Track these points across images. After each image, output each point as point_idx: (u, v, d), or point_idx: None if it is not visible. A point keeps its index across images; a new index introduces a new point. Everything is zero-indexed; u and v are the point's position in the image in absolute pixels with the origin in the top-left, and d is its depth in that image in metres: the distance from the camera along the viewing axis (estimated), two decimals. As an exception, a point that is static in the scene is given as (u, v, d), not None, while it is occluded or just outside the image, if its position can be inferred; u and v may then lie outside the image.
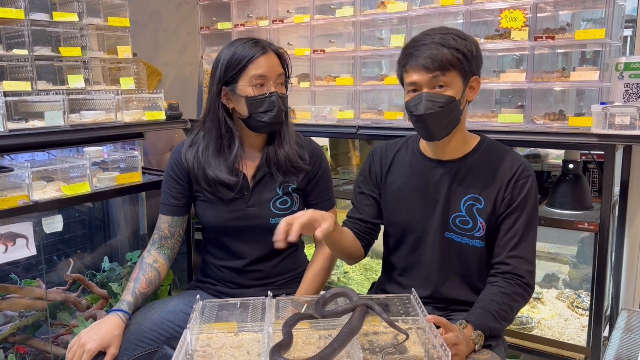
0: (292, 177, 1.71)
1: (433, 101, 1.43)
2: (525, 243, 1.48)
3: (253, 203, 1.69)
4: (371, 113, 2.47)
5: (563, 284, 2.59)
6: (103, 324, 1.50)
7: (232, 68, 1.60)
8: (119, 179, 2.08)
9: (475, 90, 1.51)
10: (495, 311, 1.39)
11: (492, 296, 1.43)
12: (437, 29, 1.47)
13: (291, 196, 1.72)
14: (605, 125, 1.81)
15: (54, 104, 1.97)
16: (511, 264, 1.46)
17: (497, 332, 1.40)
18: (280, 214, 1.68)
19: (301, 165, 1.70)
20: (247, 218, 1.68)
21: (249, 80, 1.58)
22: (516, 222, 1.48)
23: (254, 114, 1.60)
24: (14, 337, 2.02)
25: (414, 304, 1.41)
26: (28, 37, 1.98)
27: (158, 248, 1.72)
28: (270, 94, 1.59)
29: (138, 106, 2.29)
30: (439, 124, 1.46)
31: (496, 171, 1.51)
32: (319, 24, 2.60)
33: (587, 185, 2.12)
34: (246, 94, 1.59)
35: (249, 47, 1.60)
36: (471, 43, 1.46)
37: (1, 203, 1.70)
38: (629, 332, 1.87)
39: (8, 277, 2.13)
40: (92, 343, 1.43)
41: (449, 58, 1.41)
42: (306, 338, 1.36)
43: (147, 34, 2.85)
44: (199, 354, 1.29)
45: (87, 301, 2.21)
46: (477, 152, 1.55)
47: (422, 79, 1.43)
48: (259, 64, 1.58)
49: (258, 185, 1.69)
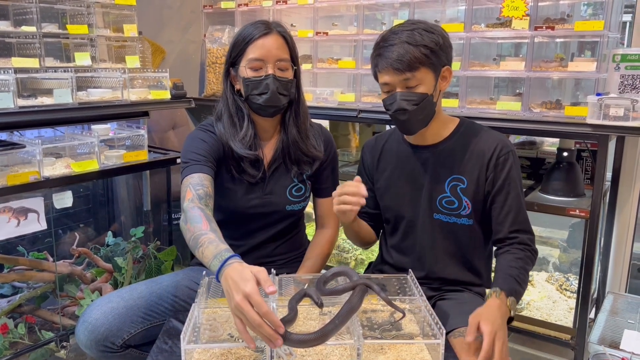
0: (306, 167, 1.72)
1: (407, 100, 1.48)
2: (521, 215, 1.55)
3: (271, 190, 1.71)
4: (372, 96, 2.50)
5: (553, 267, 2.67)
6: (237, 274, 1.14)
7: (235, 49, 1.62)
8: (126, 156, 2.13)
9: (448, 79, 1.55)
10: (517, 276, 1.45)
11: (510, 262, 1.48)
12: (405, 25, 1.49)
13: (305, 183, 1.75)
14: (600, 115, 1.86)
15: (62, 81, 2.00)
16: (515, 237, 1.53)
17: (521, 296, 1.47)
18: (295, 201, 1.73)
19: (314, 154, 1.72)
20: (265, 205, 1.70)
21: (247, 62, 1.59)
22: (507, 198, 1.54)
23: (250, 95, 1.61)
24: (23, 308, 2.08)
25: (410, 284, 1.48)
26: (36, 14, 2.00)
27: (206, 206, 1.45)
28: (266, 77, 1.57)
29: (143, 85, 2.32)
30: (415, 120, 1.52)
31: (476, 151, 1.57)
32: (323, 6, 2.62)
33: (580, 173, 2.18)
34: (244, 76, 1.60)
35: (253, 28, 1.60)
36: (438, 35, 1.48)
37: (13, 178, 1.74)
38: (614, 315, 1.95)
39: (15, 250, 2.19)
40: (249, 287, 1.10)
41: (417, 56, 1.44)
42: (307, 314, 1.43)
43: (151, 11, 2.86)
44: (205, 327, 1.36)
45: (92, 274, 2.27)
46: (457, 134, 1.61)
47: (393, 80, 1.48)
48: (258, 45, 1.57)
49: (275, 173, 1.71)
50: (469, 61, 2.19)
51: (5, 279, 2.09)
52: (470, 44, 2.18)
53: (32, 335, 2.05)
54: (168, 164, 2.39)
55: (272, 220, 1.73)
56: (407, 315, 1.35)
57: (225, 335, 1.32)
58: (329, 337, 1.16)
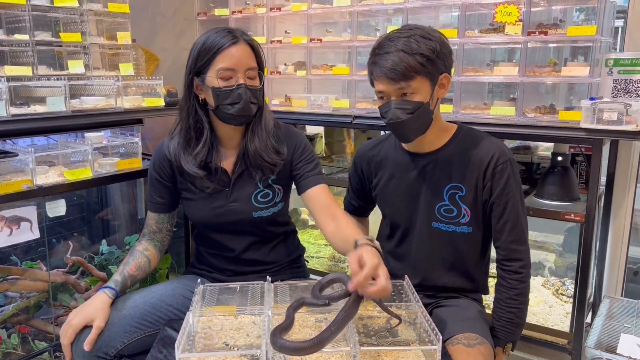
0: (267, 172, 1.69)
1: (402, 108, 1.46)
2: (519, 226, 1.54)
3: (235, 198, 1.69)
4: (366, 102, 2.50)
5: (549, 271, 2.67)
6: (89, 301, 1.55)
7: (201, 58, 1.56)
8: (120, 164, 2.12)
9: (446, 87, 1.52)
10: (513, 320, 1.55)
11: (506, 307, 1.55)
12: (402, 32, 1.46)
13: (272, 188, 1.72)
14: (593, 120, 1.86)
15: (55, 89, 1.99)
16: (508, 266, 1.55)
17: (520, 332, 1.58)
18: (262, 207, 1.70)
19: (275, 159, 1.67)
20: (230, 214, 1.69)
21: (215, 72, 1.54)
22: (505, 207, 1.53)
23: (220, 105, 1.57)
24: (16, 318, 2.06)
25: (406, 291, 1.48)
26: (29, 22, 1.99)
27: (148, 240, 1.78)
28: (238, 86, 1.55)
29: (137, 92, 2.31)
30: (411, 128, 1.50)
31: (474, 159, 1.55)
32: (316, 13, 2.62)
33: (575, 178, 2.18)
34: (212, 85, 1.55)
35: (220, 36, 1.55)
36: (436, 42, 1.45)
37: (6, 187, 1.73)
38: (610, 319, 1.95)
39: (8, 259, 2.17)
40: (77, 319, 1.49)
41: (413, 65, 1.41)
42: (303, 321, 1.42)
43: (144, 18, 2.85)
44: (201, 335, 1.35)
45: (86, 283, 2.25)
46: (455, 142, 1.59)
47: (388, 88, 1.46)
48: (227, 54, 1.54)
49: (239, 180, 1.69)
50: (462, 67, 2.20)
51: (-2, 289, 2.07)
52: (464, 49, 2.19)
53: (25, 345, 2.03)
54: (162, 172, 2.37)
55: (242, 228, 1.72)
56: (403, 321, 1.35)
57: (220, 344, 1.31)
58: (325, 345, 1.15)
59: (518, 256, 1.54)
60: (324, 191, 1.67)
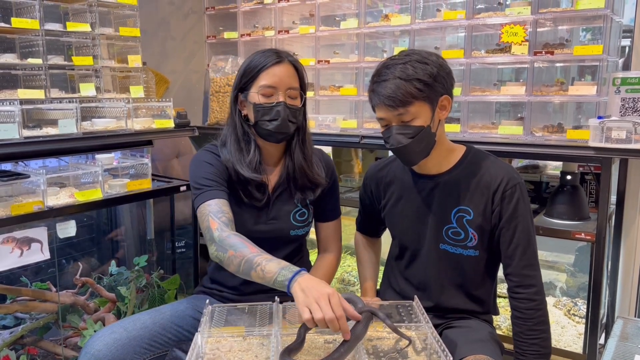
0: (309, 193, 1.72)
1: (403, 133, 1.46)
2: (530, 250, 1.51)
3: (275, 215, 1.70)
4: (374, 122, 2.51)
5: (560, 292, 2.64)
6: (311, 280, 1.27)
7: (246, 75, 1.63)
8: (130, 185, 2.13)
9: (447, 108, 1.51)
10: (539, 349, 1.50)
11: (524, 335, 1.50)
12: (399, 58, 1.47)
13: (308, 208, 1.75)
14: (602, 138, 1.86)
15: (66, 112, 2.02)
16: (520, 293, 1.51)
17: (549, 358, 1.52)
18: (299, 226, 1.72)
19: (318, 180, 1.72)
20: (270, 230, 1.70)
21: (258, 88, 1.60)
22: (515, 232, 1.50)
23: (259, 121, 1.62)
24: (25, 339, 2.06)
25: (416, 311, 1.46)
26: (42, 47, 2.03)
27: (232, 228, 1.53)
28: (277, 104, 1.59)
29: (147, 114, 2.35)
30: (414, 152, 1.49)
31: (482, 183, 1.53)
32: (324, 35, 2.66)
33: (584, 196, 2.17)
34: (254, 101, 1.61)
35: (266, 56, 1.61)
36: (433, 65, 1.45)
37: (17, 208, 1.75)
38: (624, 340, 1.92)
39: (18, 280, 2.18)
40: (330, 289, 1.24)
41: (410, 91, 1.42)
42: (312, 342, 1.41)
43: (155, 42, 2.91)
44: (209, 356, 1.34)
45: (95, 304, 2.26)
46: (463, 164, 1.58)
47: (388, 115, 1.47)
48: (270, 73, 1.59)
49: (279, 198, 1.71)
50: (469, 86, 2.21)
51: (8, 310, 2.08)
52: (470, 69, 2.20)
53: (33, 367, 2.03)
54: (172, 192, 2.40)
55: (277, 245, 1.72)
56: (413, 342, 1.33)
57: (229, 365, 1.30)
58: (334, 366, 1.14)
59: (531, 282, 1.50)
60: (332, 226, 1.81)
